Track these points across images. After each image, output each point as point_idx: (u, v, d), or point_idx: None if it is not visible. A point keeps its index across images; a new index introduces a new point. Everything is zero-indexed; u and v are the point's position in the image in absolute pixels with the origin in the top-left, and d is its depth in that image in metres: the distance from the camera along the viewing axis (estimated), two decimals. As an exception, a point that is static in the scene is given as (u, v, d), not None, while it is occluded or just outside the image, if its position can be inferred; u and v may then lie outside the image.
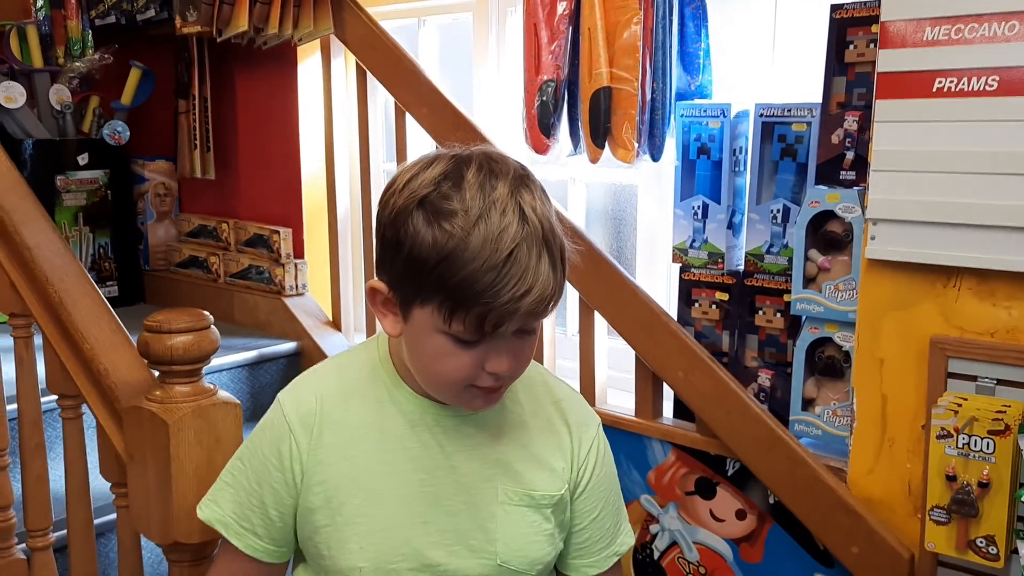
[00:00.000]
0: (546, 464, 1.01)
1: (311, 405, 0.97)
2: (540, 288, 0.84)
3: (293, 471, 0.95)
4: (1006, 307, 1.31)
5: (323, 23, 2.21)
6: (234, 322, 2.61)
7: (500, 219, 0.83)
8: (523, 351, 0.91)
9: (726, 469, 1.69)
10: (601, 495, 1.05)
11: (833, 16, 1.52)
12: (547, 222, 0.86)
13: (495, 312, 0.83)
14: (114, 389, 1.17)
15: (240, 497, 0.99)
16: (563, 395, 1.06)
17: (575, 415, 1.05)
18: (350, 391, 0.98)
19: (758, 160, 1.65)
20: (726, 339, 1.73)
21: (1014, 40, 1.25)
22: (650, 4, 1.63)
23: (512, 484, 0.98)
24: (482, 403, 0.93)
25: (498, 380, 0.90)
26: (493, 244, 0.82)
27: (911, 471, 1.42)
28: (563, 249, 0.88)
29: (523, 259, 0.83)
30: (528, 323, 0.88)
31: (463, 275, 0.82)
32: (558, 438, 1.02)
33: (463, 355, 0.88)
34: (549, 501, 0.99)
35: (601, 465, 1.05)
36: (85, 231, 2.72)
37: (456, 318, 0.85)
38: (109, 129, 2.66)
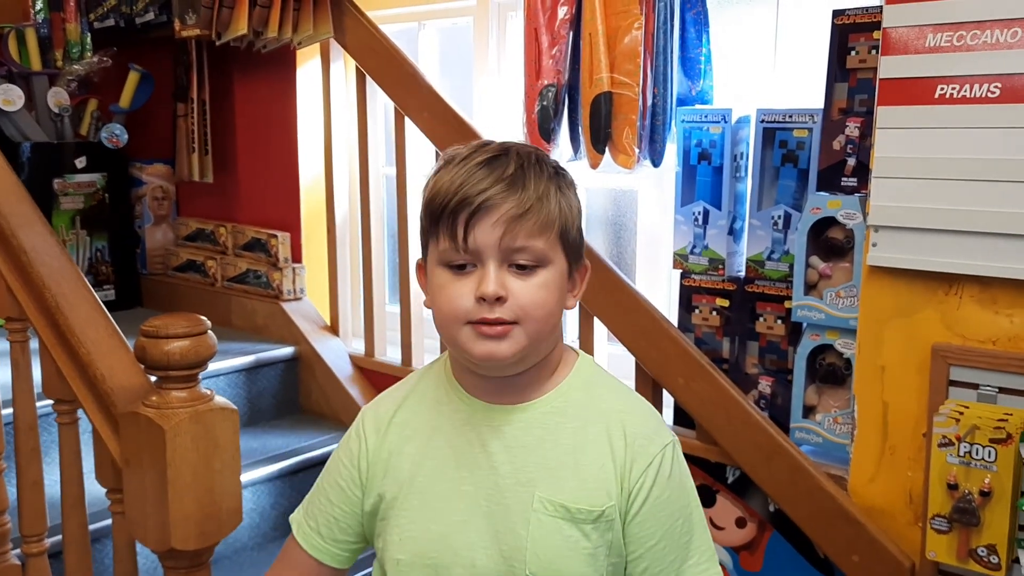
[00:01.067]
0: (591, 477, 0.93)
1: (386, 410, 1.01)
2: (506, 186, 0.87)
3: (359, 468, 0.99)
4: (1008, 315, 1.30)
5: (323, 27, 2.20)
6: (231, 327, 2.60)
7: (483, 153, 0.90)
8: (524, 287, 0.88)
9: (726, 477, 1.68)
10: (661, 521, 0.94)
11: (835, 22, 1.52)
12: (534, 161, 0.91)
13: (461, 209, 0.86)
14: (110, 394, 1.16)
15: (314, 498, 1.04)
16: (629, 407, 0.98)
17: (637, 430, 0.95)
18: (417, 394, 1.01)
19: (759, 166, 1.64)
20: (727, 346, 1.72)
21: (1016, 47, 1.25)
22: (651, 9, 1.63)
23: (549, 492, 0.93)
24: (483, 347, 0.88)
25: (490, 310, 0.87)
26: (467, 162, 0.89)
27: (912, 479, 1.41)
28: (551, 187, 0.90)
29: (492, 167, 0.88)
30: (508, 236, 0.86)
31: (438, 188, 0.89)
32: (612, 451, 0.94)
33: (455, 283, 0.89)
34: (587, 516, 0.92)
35: (662, 488, 0.94)
36: (82, 234, 2.71)
37: (440, 234, 0.89)
38: (107, 132, 2.66)
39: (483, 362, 0.91)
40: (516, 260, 0.88)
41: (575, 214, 0.94)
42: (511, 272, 0.88)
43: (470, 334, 0.89)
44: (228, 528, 1.13)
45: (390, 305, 2.41)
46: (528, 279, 0.89)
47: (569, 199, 0.93)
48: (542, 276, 0.89)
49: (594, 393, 0.98)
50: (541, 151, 0.94)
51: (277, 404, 2.40)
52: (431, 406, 0.99)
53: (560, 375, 0.97)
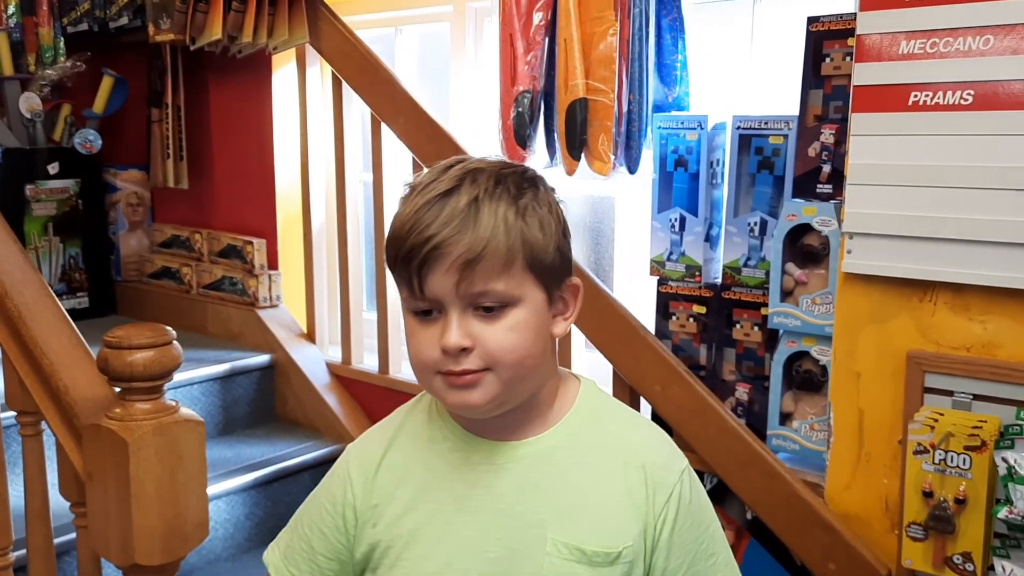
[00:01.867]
0: (607, 516, 0.87)
1: (372, 450, 0.93)
2: (454, 229, 0.79)
3: (345, 516, 0.92)
4: (981, 321, 1.30)
5: (298, 32, 2.19)
6: (207, 334, 2.57)
7: (438, 185, 0.82)
8: (492, 331, 0.81)
9: (703, 484, 1.67)
10: (688, 549, 0.90)
11: (809, 29, 1.52)
12: (492, 188, 0.82)
13: (413, 257, 0.80)
14: (73, 406, 1.14)
15: (293, 541, 0.96)
16: (641, 436, 0.93)
17: (654, 460, 0.90)
18: (407, 433, 0.94)
19: (735, 173, 1.64)
20: (704, 352, 1.71)
21: (989, 54, 1.25)
22: (626, 16, 1.62)
23: (563, 534, 0.86)
24: (452, 397, 0.83)
25: (455, 362, 0.81)
26: (421, 197, 0.82)
27: (888, 486, 1.41)
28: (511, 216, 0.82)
29: (440, 206, 0.80)
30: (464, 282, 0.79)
31: (393, 228, 0.83)
32: (627, 487, 0.88)
33: (421, 332, 0.83)
34: (604, 560, 0.86)
35: (685, 516, 0.89)
36: (55, 241, 2.67)
37: (399, 282, 0.83)
38: (80, 138, 2.62)
39: (456, 410, 0.87)
40: (480, 303, 0.81)
41: (547, 236, 0.85)
42: (477, 316, 0.82)
43: (441, 383, 0.84)
44: (194, 542, 1.11)
45: (367, 312, 2.39)
46: (496, 322, 0.82)
47: (535, 224, 0.84)
48: (512, 317, 0.82)
49: (602, 424, 0.92)
50: (509, 168, 0.86)
51: (252, 412, 2.38)
52: (424, 445, 0.92)
53: (563, 406, 0.91)
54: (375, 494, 0.91)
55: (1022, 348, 1.27)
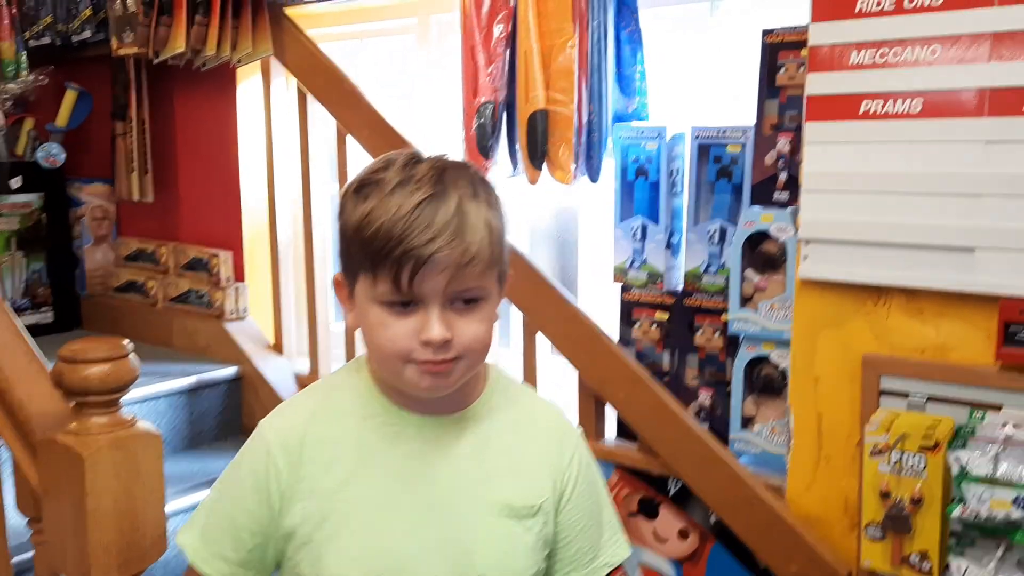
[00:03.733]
0: (526, 474, 0.99)
1: (291, 426, 0.96)
2: (451, 236, 0.85)
3: (270, 491, 0.94)
4: (934, 325, 1.33)
5: (262, 45, 2.19)
6: (173, 347, 2.55)
7: (416, 184, 0.87)
8: (466, 324, 0.89)
9: (668, 489, 1.68)
10: (585, 505, 1.03)
11: (765, 41, 1.55)
12: (468, 189, 0.89)
13: (406, 260, 0.85)
14: (29, 421, 1.13)
15: (212, 520, 0.97)
16: (543, 406, 1.06)
17: (556, 426, 1.04)
18: (331, 409, 0.98)
19: (695, 181, 1.66)
20: (667, 358, 1.73)
21: (936, 64, 1.28)
22: (584, 28, 1.64)
23: (494, 495, 0.96)
24: (427, 383, 0.90)
25: (436, 353, 0.88)
26: (406, 197, 0.86)
27: (847, 488, 1.43)
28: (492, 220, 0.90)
29: (433, 209, 0.86)
30: (454, 282, 0.87)
31: (374, 229, 0.86)
32: (539, 449, 1.01)
33: (397, 323, 0.88)
34: (528, 512, 0.97)
35: (584, 474, 1.03)
36: (18, 256, 2.64)
37: (379, 277, 0.87)
38: (44, 152, 2.60)
39: (427, 394, 0.93)
40: (462, 298, 0.89)
41: (507, 235, 0.94)
42: (454, 310, 0.89)
43: (415, 371, 0.89)
44: (152, 557, 1.10)
45: (335, 323, 2.38)
46: (470, 316, 0.90)
47: (503, 224, 0.92)
48: (483, 310, 0.91)
49: (512, 396, 1.03)
50: (472, 169, 0.93)
51: (219, 426, 2.36)
52: (355, 421, 0.96)
53: (480, 384, 1.00)
54: (303, 468, 0.94)
55: (974, 350, 1.30)
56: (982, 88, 1.25)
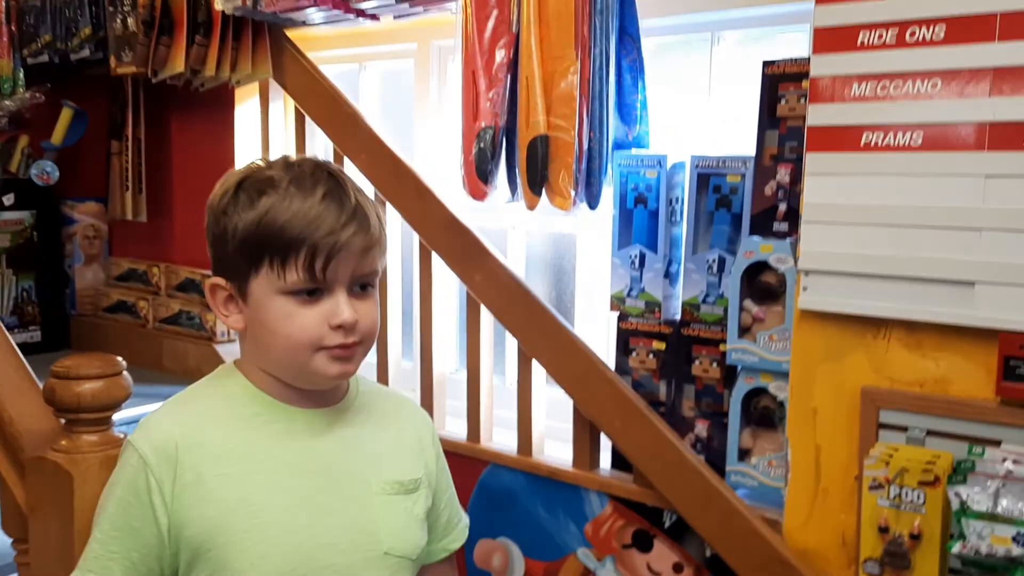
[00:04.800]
0: (406, 452, 1.09)
1: (163, 435, 0.95)
2: (359, 223, 0.94)
3: (153, 504, 0.93)
4: (934, 358, 1.32)
5: (262, 67, 2.19)
6: (163, 369, 2.52)
7: (313, 180, 0.94)
8: (365, 308, 0.96)
9: (663, 521, 1.66)
10: (446, 477, 1.17)
11: (765, 71, 1.55)
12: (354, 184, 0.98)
13: (322, 247, 0.91)
14: (18, 438, 1.11)
15: (99, 551, 0.94)
16: (401, 396, 1.19)
17: (414, 412, 1.16)
18: (204, 415, 0.99)
19: (694, 210, 1.66)
20: (663, 388, 1.72)
21: (937, 97, 1.29)
22: (587, 55, 1.64)
23: (381, 474, 1.04)
24: (336, 369, 0.96)
25: (346, 336, 0.94)
26: (309, 191, 0.93)
27: (845, 522, 1.41)
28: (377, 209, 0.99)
29: (337, 200, 0.94)
30: (359, 266, 0.94)
31: (285, 220, 0.91)
32: (410, 431, 1.11)
33: (305, 313, 0.93)
34: (413, 486, 1.06)
35: (440, 454, 1.16)
36: (8, 273, 2.62)
37: (288, 267, 0.92)
38: (37, 169, 2.59)
39: (334, 381, 0.99)
40: (363, 283, 0.97)
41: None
42: (355, 296, 0.96)
43: (324, 359, 0.95)
44: (139, 580, 1.07)
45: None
46: (368, 300, 0.98)
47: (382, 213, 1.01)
48: (375, 295, 1.00)
49: (372, 390, 1.12)
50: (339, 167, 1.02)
51: (208, 449, 2.32)
52: (238, 425, 0.97)
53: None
54: (187, 476, 0.93)
55: (973, 384, 1.30)
56: (983, 122, 1.26)
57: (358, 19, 2.03)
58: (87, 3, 2.45)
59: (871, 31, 1.33)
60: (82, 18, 2.47)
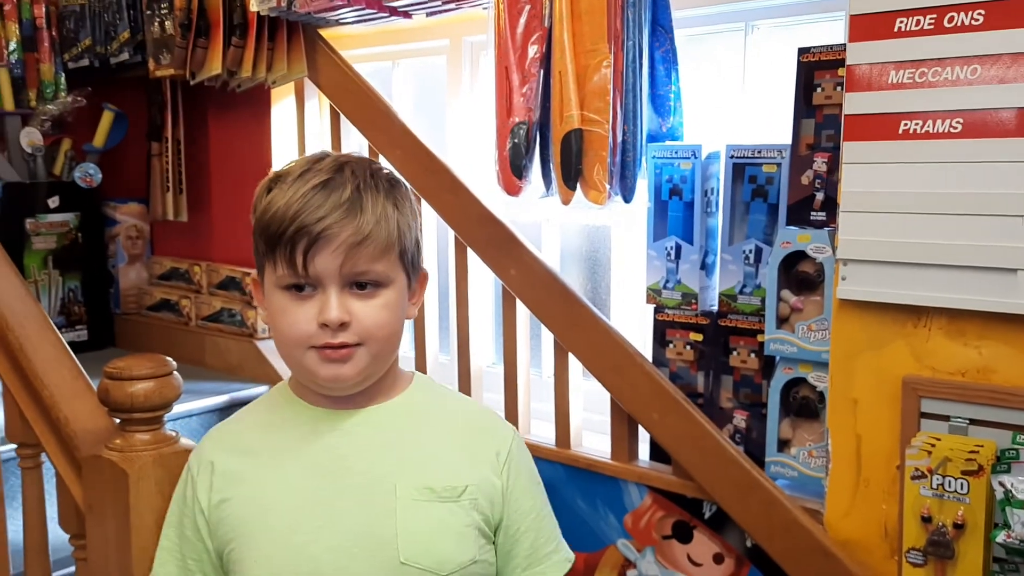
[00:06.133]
0: (449, 461, 0.99)
1: (209, 445, 1.00)
2: (343, 213, 0.88)
3: (194, 511, 0.96)
4: (976, 347, 1.31)
5: (297, 66, 2.21)
6: (205, 366, 2.57)
7: (316, 173, 0.90)
8: (366, 309, 0.91)
9: (703, 512, 1.67)
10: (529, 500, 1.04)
11: (800, 59, 1.54)
12: (368, 180, 0.91)
13: (299, 238, 0.87)
14: (74, 438, 1.14)
15: (164, 556, 1.00)
16: (472, 406, 1.08)
17: (484, 422, 1.05)
18: (247, 422, 1.01)
19: (730, 201, 1.65)
20: (701, 380, 1.72)
21: (977, 83, 1.27)
22: (620, 48, 1.64)
23: (412, 479, 0.96)
24: (326, 371, 0.91)
25: (333, 336, 0.89)
26: (303, 184, 0.89)
27: (887, 512, 1.41)
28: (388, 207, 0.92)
29: (327, 191, 0.89)
30: (350, 262, 0.88)
31: (273, 211, 0.89)
32: (467, 442, 1.01)
33: (296, 308, 0.90)
34: (452, 493, 0.96)
35: (520, 472, 1.03)
36: (55, 274, 2.68)
37: (277, 259, 0.89)
38: (80, 171, 2.64)
39: (328, 383, 0.93)
40: (359, 281, 0.91)
41: (413, 230, 0.96)
42: (352, 294, 0.90)
43: (315, 358, 0.91)
44: (194, 574, 1.10)
45: (366, 343, 2.39)
46: (370, 300, 0.91)
47: (406, 216, 0.94)
48: (383, 297, 0.92)
49: (438, 398, 1.05)
50: (376, 164, 0.96)
51: (251, 444, 2.37)
52: (271, 428, 0.98)
53: (401, 383, 1.02)
54: (219, 481, 0.96)
55: (1017, 373, 1.28)
56: (1023, 108, 1.24)
57: (391, 17, 2.05)
58: (125, 7, 2.50)
59: (908, 17, 1.31)
60: (121, 22, 2.52)
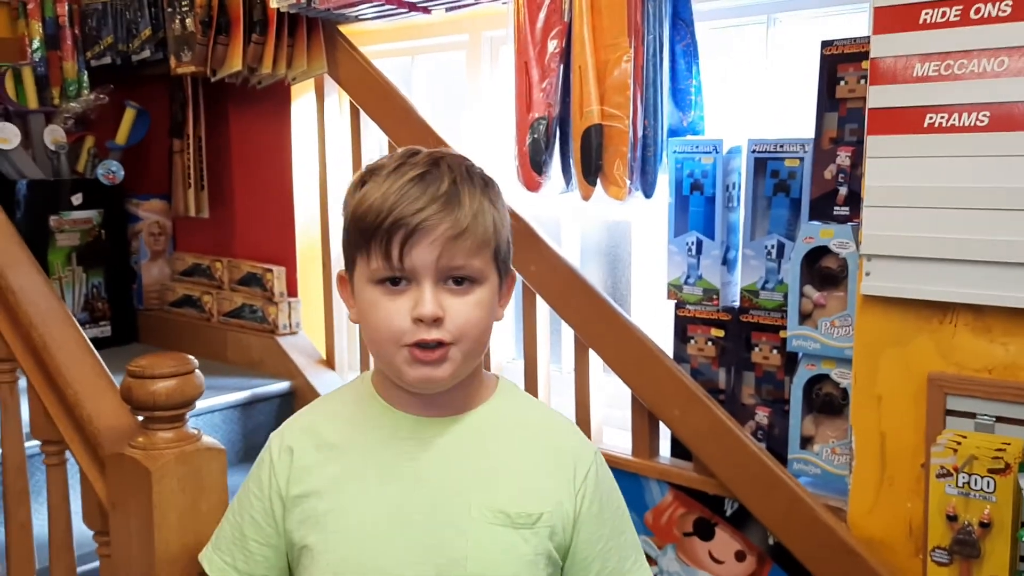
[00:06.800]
0: (527, 483, 0.95)
1: (292, 434, 0.98)
2: (441, 206, 0.86)
3: (271, 499, 0.95)
4: (1003, 343, 1.29)
5: (317, 62, 2.22)
6: (227, 361, 2.58)
7: (412, 167, 0.88)
8: (459, 305, 0.88)
9: (724, 509, 1.66)
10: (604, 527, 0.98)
11: (823, 52, 1.53)
12: (464, 175, 0.89)
13: (396, 229, 0.85)
14: (97, 435, 1.15)
15: (225, 533, 0.99)
16: (555, 421, 1.02)
17: (568, 441, 0.99)
18: (330, 416, 0.99)
19: (751, 196, 1.64)
20: (722, 376, 1.71)
21: (1004, 75, 1.25)
22: (640, 42, 1.63)
23: (486, 500, 0.93)
24: (419, 372, 0.88)
25: (427, 331, 0.87)
26: (399, 177, 0.87)
27: (911, 510, 1.39)
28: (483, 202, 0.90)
29: (425, 184, 0.87)
30: (447, 255, 0.86)
31: (369, 203, 0.87)
32: (546, 461, 0.96)
33: (389, 303, 0.88)
34: (527, 521, 0.93)
35: (600, 495, 0.98)
36: (78, 271, 2.71)
37: (372, 253, 0.87)
38: (103, 169, 2.66)
39: (419, 385, 0.91)
40: (455, 276, 0.88)
41: (507, 228, 0.94)
42: (447, 289, 0.88)
43: (406, 357, 0.89)
44: (216, 571, 1.11)
45: (386, 338, 2.39)
46: (464, 297, 0.89)
47: (502, 214, 0.93)
48: (477, 294, 0.90)
49: (521, 409, 1.01)
50: (470, 161, 0.94)
51: (273, 440, 2.38)
52: (351, 425, 0.96)
53: (485, 392, 0.98)
54: (299, 478, 0.95)
55: (1045, 370, 1.26)
56: (1052, 100, 1.22)
57: (410, 12, 2.05)
58: (147, 5, 2.51)
59: (934, 8, 1.29)
60: (142, 20, 2.54)
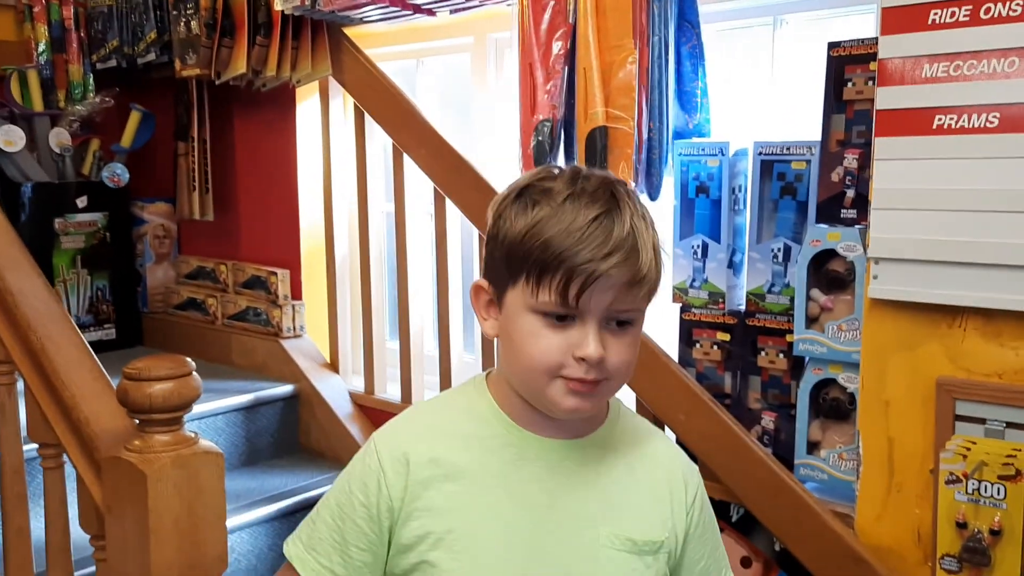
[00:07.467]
0: (649, 509, 0.96)
1: (405, 444, 0.94)
2: (625, 254, 0.84)
3: (379, 508, 0.91)
4: (1013, 347, 1.27)
5: (321, 65, 2.21)
6: (231, 364, 2.58)
7: (591, 198, 0.86)
8: (618, 346, 0.87)
9: (730, 515, 1.64)
10: (707, 545, 1.01)
11: (831, 54, 1.51)
12: (638, 209, 0.88)
13: (578, 273, 0.83)
14: (94, 438, 1.14)
15: (321, 533, 0.95)
16: (666, 444, 1.03)
17: (679, 464, 1.01)
18: (448, 428, 0.95)
19: (758, 198, 1.62)
20: (728, 380, 1.69)
21: (1014, 76, 1.23)
22: (645, 44, 1.62)
23: (615, 527, 0.93)
24: (571, 403, 0.88)
25: (587, 371, 0.86)
26: (581, 209, 0.85)
27: (920, 517, 1.37)
28: (657, 242, 0.89)
29: (608, 225, 0.85)
30: (618, 300, 0.85)
31: (548, 236, 0.85)
32: (662, 485, 0.98)
33: (551, 336, 0.86)
34: (651, 548, 0.94)
35: (705, 514, 1.01)
36: (83, 273, 2.71)
37: (543, 286, 0.85)
38: (108, 171, 2.66)
39: (569, 414, 0.90)
40: (617, 319, 0.87)
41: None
42: (609, 330, 0.87)
43: (560, 388, 0.87)
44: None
45: (390, 341, 2.39)
46: (623, 337, 0.88)
47: (659, 248, 0.91)
48: (632, 334, 0.89)
49: (634, 429, 1.00)
50: (630, 188, 0.92)
51: (276, 443, 2.38)
52: (475, 442, 0.93)
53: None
54: (415, 485, 0.91)
55: (1056, 375, 1.24)
56: (1063, 101, 1.20)
57: (415, 15, 2.04)
58: (152, 8, 2.51)
59: (943, 9, 1.28)
60: (147, 23, 2.54)
